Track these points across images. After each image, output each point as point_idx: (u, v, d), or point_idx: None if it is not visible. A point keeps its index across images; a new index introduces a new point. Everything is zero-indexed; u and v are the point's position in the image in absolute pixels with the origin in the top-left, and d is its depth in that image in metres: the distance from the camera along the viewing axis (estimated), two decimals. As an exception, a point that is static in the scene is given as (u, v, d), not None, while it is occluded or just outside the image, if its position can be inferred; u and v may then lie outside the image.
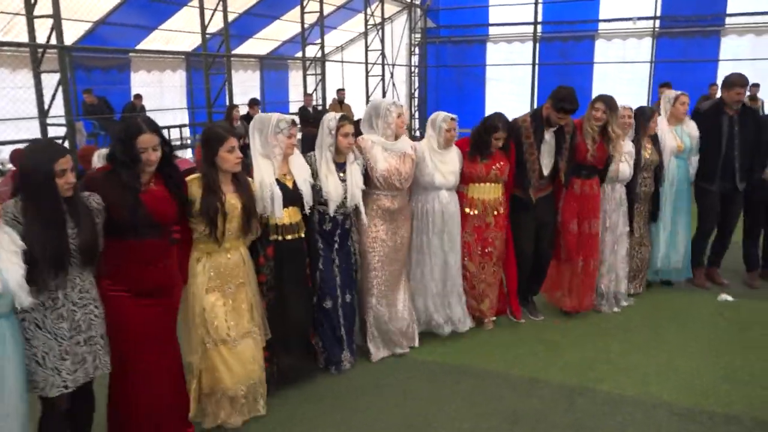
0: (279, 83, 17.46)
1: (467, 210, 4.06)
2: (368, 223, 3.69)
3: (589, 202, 4.39)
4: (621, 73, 15.60)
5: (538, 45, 16.73)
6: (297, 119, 3.31)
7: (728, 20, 14.69)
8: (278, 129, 3.15)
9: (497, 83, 17.29)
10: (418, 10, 18.12)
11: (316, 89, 13.18)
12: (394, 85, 17.35)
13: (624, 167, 4.49)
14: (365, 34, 15.70)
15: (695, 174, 5.08)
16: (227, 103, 9.96)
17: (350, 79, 17.84)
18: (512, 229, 4.24)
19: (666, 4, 15.18)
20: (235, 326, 2.95)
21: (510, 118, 4.17)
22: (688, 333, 4.29)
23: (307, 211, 3.32)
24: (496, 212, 4.09)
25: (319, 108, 12.89)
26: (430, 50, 18.31)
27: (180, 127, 12.95)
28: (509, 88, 16.81)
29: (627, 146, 4.51)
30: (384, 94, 16.21)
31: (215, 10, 9.89)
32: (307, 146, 10.22)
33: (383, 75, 15.98)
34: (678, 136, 4.90)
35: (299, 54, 14.17)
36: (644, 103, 14.88)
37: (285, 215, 3.21)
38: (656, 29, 15.45)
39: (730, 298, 4.92)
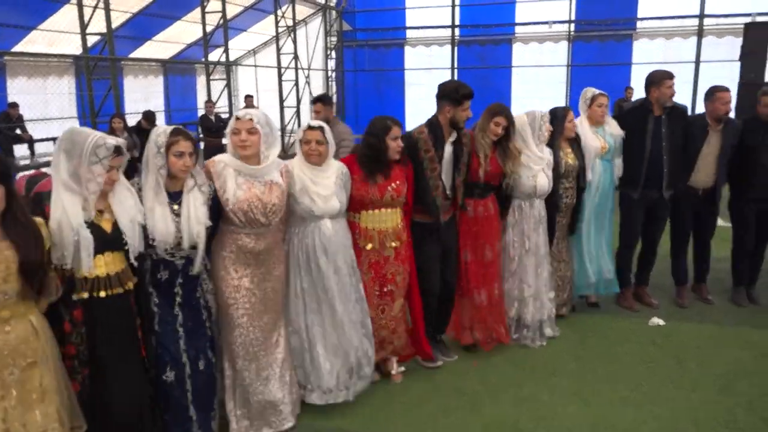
0: (185, 89, 16.30)
1: (360, 244, 3.34)
2: (227, 269, 2.89)
3: (485, 226, 3.81)
4: (539, 76, 15.53)
5: (456, 49, 16.45)
6: (125, 145, 2.42)
7: (639, 24, 14.89)
8: (95, 158, 2.30)
9: (417, 88, 16.83)
10: (333, 13, 17.43)
11: (221, 96, 12.17)
12: (310, 90, 16.55)
13: (542, 180, 3.94)
14: (276, 36, 14.82)
15: (618, 179, 4.61)
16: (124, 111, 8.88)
17: (265, 84, 16.94)
18: (416, 260, 3.58)
19: (580, 8, 15.24)
20: (21, 428, 2.09)
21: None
22: (621, 372, 3.76)
23: (132, 258, 2.47)
24: (395, 243, 3.39)
25: (224, 116, 11.89)
26: (347, 54, 17.66)
27: (68, 138, 11.62)
28: (429, 93, 16.16)
29: (545, 155, 3.96)
30: (299, 100, 15.39)
31: (95, 8, 8.77)
32: (210, 156, 9.24)
33: (297, 80, 15.16)
34: (601, 137, 4.40)
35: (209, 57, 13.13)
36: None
37: (100, 264, 2.37)
38: (571, 33, 15.47)
39: (661, 322, 4.47)
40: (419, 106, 15.50)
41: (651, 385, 3.59)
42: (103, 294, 2.38)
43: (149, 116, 8.93)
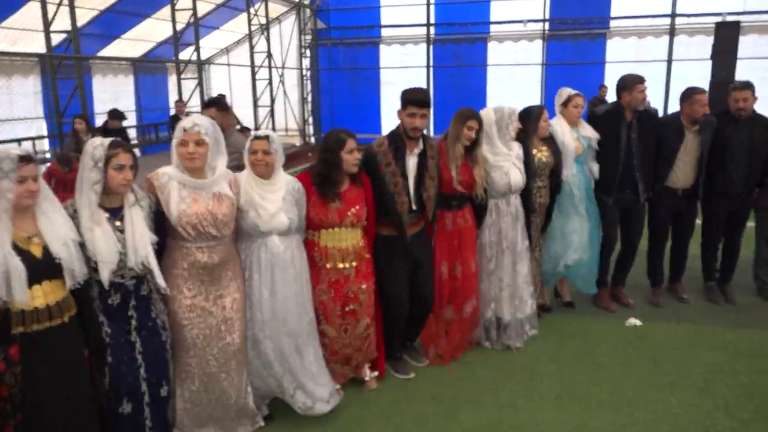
0: (157, 88, 15.94)
1: (319, 262, 3.22)
2: (179, 287, 2.73)
3: (463, 238, 3.72)
4: (514, 75, 15.54)
5: (431, 47, 16.38)
6: (34, 152, 2.23)
7: (613, 23, 14.97)
8: (0, 173, 2.07)
9: (392, 87, 16.69)
10: (308, 11, 17.22)
11: (192, 95, 11.91)
12: (284, 89, 16.35)
13: (516, 175, 3.86)
14: (250, 35, 14.59)
15: (595, 184, 4.57)
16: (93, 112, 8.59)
17: (238, 83, 16.67)
18: (379, 273, 3.45)
19: (554, 6, 15.27)
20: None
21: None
22: (599, 374, 3.71)
23: (71, 284, 2.25)
24: (356, 261, 3.26)
25: (196, 116, 11.62)
26: (322, 52, 17.45)
27: (34, 139, 11.30)
28: (404, 92, 16.24)
29: (513, 150, 3.88)
30: (272, 99, 15.19)
31: (59, 4, 8.49)
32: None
33: (270, 79, 14.94)
34: (576, 138, 4.35)
35: (180, 56, 12.82)
36: (537, 106, 14.89)
37: (38, 295, 2.16)
38: (546, 32, 15.50)
39: (638, 323, 4.43)
40: (395, 105, 15.27)
41: (630, 387, 3.54)
42: (43, 327, 2.18)
43: (117, 114, 8.62)
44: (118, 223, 2.46)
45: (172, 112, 12.58)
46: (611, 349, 4.05)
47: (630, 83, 4.28)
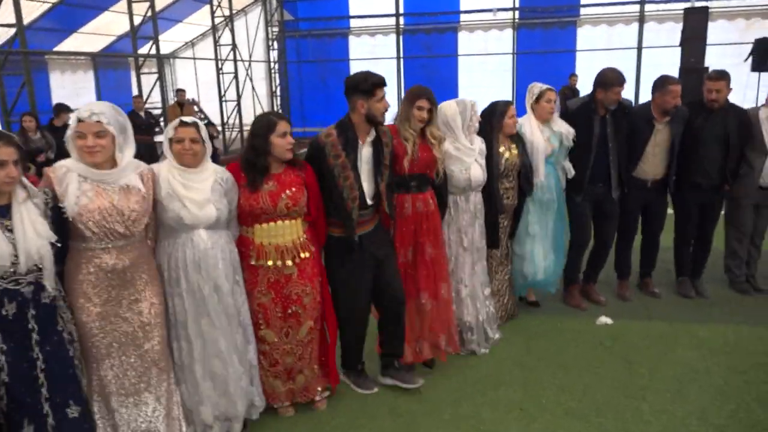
0: (119, 84, 15.45)
1: (254, 261, 2.92)
2: (86, 296, 2.43)
3: (425, 222, 3.42)
4: (485, 64, 15.37)
5: (401, 38, 16.12)
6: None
7: (583, 11, 14.87)
8: None
9: (363, 78, 16.41)
10: (274, 2, 16.82)
11: (152, 90, 11.48)
12: (252, 83, 15.95)
13: (476, 171, 3.63)
14: (213, 27, 14.16)
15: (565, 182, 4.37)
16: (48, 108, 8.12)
17: (205, 77, 16.22)
18: (333, 279, 3.20)
19: (525, -5, 15.11)
20: None
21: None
22: (567, 379, 3.50)
23: None
24: (297, 258, 2.97)
25: (156, 112, 11.23)
26: (290, 44, 17.09)
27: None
28: (375, 83, 15.96)
29: (475, 145, 3.65)
30: (239, 93, 14.78)
31: (2, -4, 8.03)
32: (138, 155, 8.55)
33: (236, 72, 14.53)
34: (546, 137, 4.13)
35: (142, 50, 12.33)
36: (509, 95, 14.73)
37: None
38: (516, 21, 15.34)
39: (609, 321, 4.25)
40: (365, 97, 15.10)
41: (600, 393, 3.34)
42: None
43: (63, 109, 8.18)
44: (7, 223, 2.16)
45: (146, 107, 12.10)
46: (581, 350, 3.85)
47: (608, 84, 4.04)
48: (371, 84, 3.00)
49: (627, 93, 13.52)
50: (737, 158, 4.33)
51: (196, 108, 16.39)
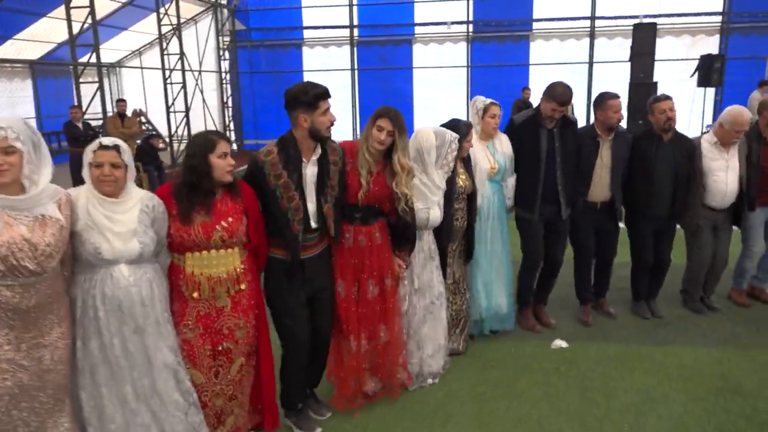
0: (60, 93, 14.71)
1: (186, 291, 2.61)
2: None
3: (368, 257, 3.12)
4: (440, 77, 15.30)
5: (355, 49, 15.94)
6: None
7: (535, 26, 14.98)
8: None
9: (317, 90, 16.13)
10: (225, 11, 16.40)
11: (92, 101, 10.91)
12: (202, 94, 15.47)
13: (436, 212, 3.39)
14: (160, 36, 13.65)
15: (513, 199, 4.19)
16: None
17: (153, 88, 15.65)
18: (273, 304, 2.92)
19: (478, 8, 15.16)
20: None
21: (334, 128, 2.83)
22: (522, 410, 3.30)
23: None
24: (232, 290, 2.68)
25: (95, 123, 10.67)
26: (242, 55, 16.67)
27: None
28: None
29: (443, 184, 3.38)
30: (187, 106, 14.30)
31: None
32: (76, 169, 8.04)
33: (185, 82, 14.04)
34: (491, 155, 3.95)
35: (83, 58, 11.72)
36: (463, 108, 14.69)
37: None
38: (470, 34, 15.36)
39: (564, 345, 4.08)
40: (320, 109, 14.83)
41: (555, 424, 3.15)
42: None
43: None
44: None
45: (89, 117, 11.47)
46: (536, 378, 3.66)
47: (554, 99, 3.86)
48: (313, 96, 2.71)
49: (579, 107, 13.61)
50: (687, 188, 4.25)
51: (143, 119, 15.88)
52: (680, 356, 3.88)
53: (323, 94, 2.74)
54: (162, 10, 13.44)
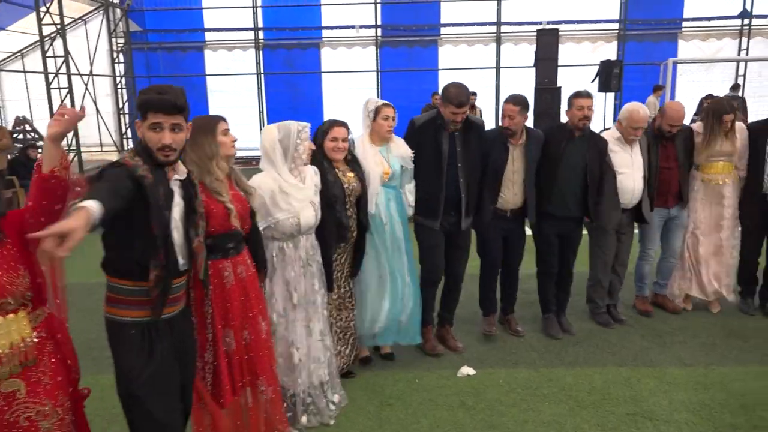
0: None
1: None
2: None
3: (251, 289, 2.66)
4: (349, 82, 14.93)
5: (261, 53, 15.31)
6: None
7: (443, 30, 14.96)
8: None
9: (221, 95, 15.39)
10: (118, 11, 15.29)
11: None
12: (93, 99, 14.31)
13: (308, 213, 3.00)
14: (41, 37, 12.44)
15: (412, 207, 3.85)
16: None
17: (37, 92, 14.30)
18: (133, 384, 2.12)
19: (386, 12, 14.96)
20: None
21: (240, 134, 2.43)
22: (423, 457, 2.93)
23: None
24: (19, 368, 1.91)
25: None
26: (138, 58, 15.60)
27: None
28: (234, 100, 15.05)
29: (307, 182, 3.02)
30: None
31: None
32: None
33: (71, 87, 12.89)
34: (384, 159, 3.58)
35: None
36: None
37: None
38: (379, 38, 15.12)
39: (471, 372, 3.77)
40: (225, 115, 14.09)
41: (459, 474, 2.80)
42: None
43: None
44: None
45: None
46: (441, 415, 3.30)
47: (450, 100, 3.57)
48: (139, 103, 2.05)
49: (488, 111, 13.60)
50: (597, 189, 4.05)
51: (28, 126, 14.51)
52: (590, 378, 3.65)
53: (150, 102, 2.02)
54: (43, 9, 12.26)
